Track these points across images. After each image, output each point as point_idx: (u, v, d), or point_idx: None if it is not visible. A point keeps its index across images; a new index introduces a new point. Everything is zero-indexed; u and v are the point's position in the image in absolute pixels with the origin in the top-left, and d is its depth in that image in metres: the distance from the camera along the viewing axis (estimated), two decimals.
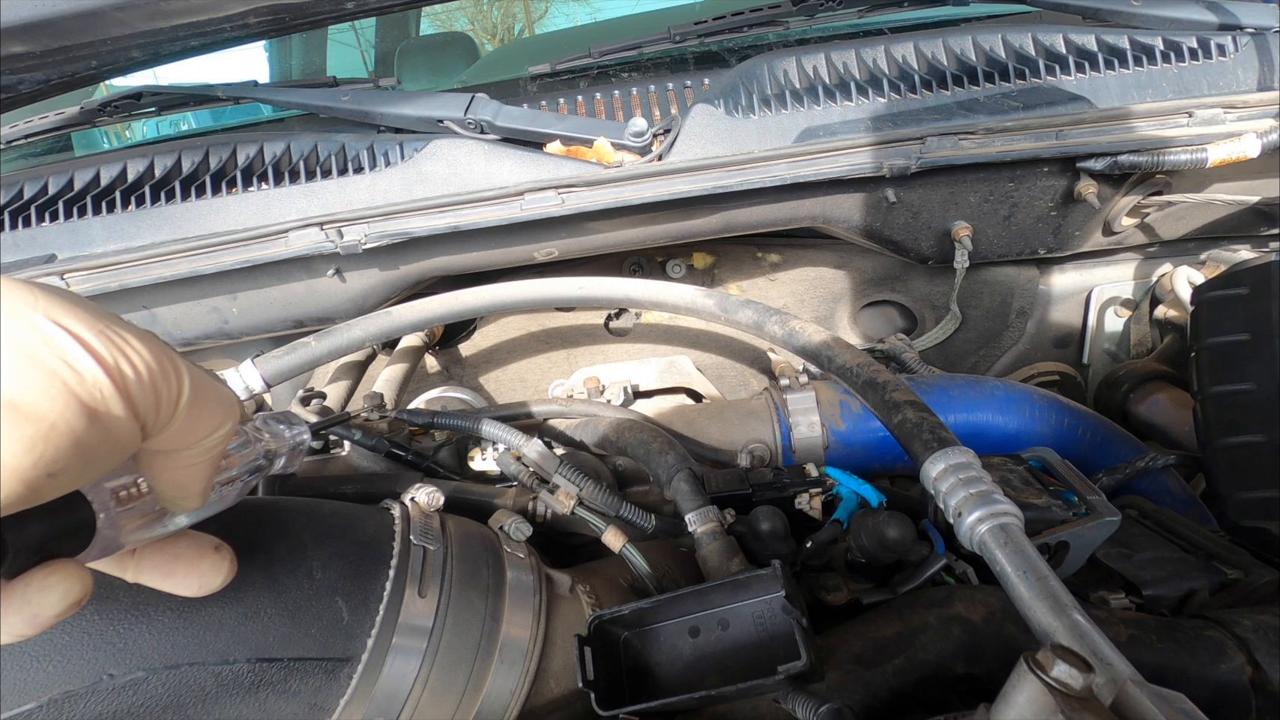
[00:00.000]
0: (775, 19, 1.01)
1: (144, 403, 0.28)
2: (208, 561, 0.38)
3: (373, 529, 0.49)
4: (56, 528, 0.29)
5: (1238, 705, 0.49)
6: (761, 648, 0.48)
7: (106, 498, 0.31)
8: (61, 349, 0.26)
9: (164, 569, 0.37)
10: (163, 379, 0.28)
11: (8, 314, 0.26)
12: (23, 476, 0.25)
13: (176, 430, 0.30)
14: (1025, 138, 0.84)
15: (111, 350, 0.27)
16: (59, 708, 0.37)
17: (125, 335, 0.28)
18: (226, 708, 0.41)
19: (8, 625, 0.29)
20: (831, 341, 0.65)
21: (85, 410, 0.26)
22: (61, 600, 0.29)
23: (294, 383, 1.04)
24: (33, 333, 0.26)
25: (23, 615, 0.29)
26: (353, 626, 0.44)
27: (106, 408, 0.26)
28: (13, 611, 0.29)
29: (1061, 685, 0.31)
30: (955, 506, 0.47)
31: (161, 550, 0.37)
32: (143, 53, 0.78)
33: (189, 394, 0.29)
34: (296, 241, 0.84)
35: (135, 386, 0.27)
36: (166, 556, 0.37)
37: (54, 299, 0.27)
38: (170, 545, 0.37)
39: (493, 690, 0.48)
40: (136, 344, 0.28)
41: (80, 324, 0.27)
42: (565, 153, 0.86)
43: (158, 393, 0.28)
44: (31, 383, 0.25)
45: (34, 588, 0.29)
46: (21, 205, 0.87)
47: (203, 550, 0.38)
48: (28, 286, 0.27)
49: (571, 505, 0.63)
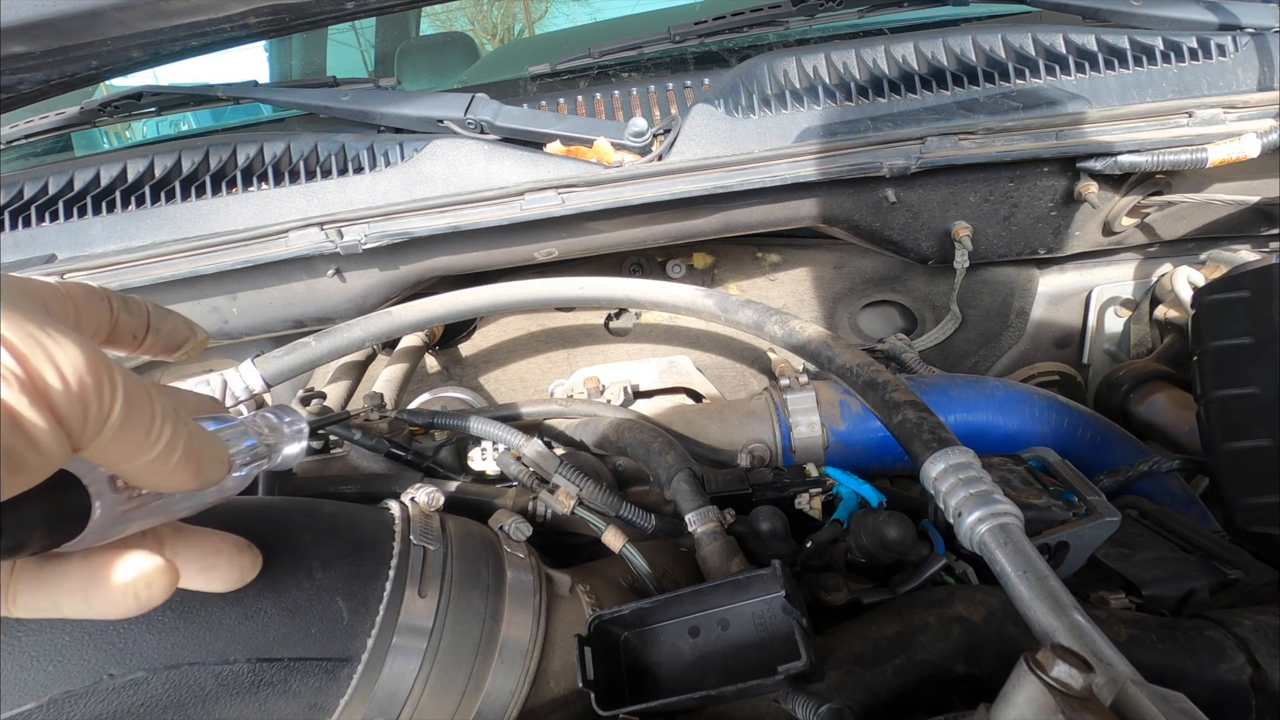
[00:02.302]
0: (775, 19, 1.01)
1: (70, 412, 0.26)
2: (248, 555, 0.39)
3: (373, 529, 0.49)
4: (52, 511, 0.29)
5: (1238, 705, 0.49)
6: (761, 648, 0.48)
7: (103, 483, 0.31)
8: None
9: (203, 563, 0.37)
10: (94, 389, 0.27)
11: None
12: None
13: (108, 442, 0.28)
14: (1025, 138, 0.84)
15: (38, 356, 0.26)
16: (59, 708, 0.37)
17: (56, 338, 0.26)
18: (226, 708, 0.41)
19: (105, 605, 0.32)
20: (831, 341, 0.65)
21: (6, 416, 0.25)
22: (164, 591, 0.33)
23: (294, 383, 1.04)
24: None
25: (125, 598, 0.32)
26: (353, 626, 0.44)
27: (29, 415, 0.25)
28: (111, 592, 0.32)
29: (1061, 685, 0.31)
30: (955, 506, 0.47)
31: (197, 547, 0.37)
32: (143, 53, 0.78)
33: (121, 409, 0.28)
34: (296, 241, 0.84)
35: (60, 394, 0.26)
36: (206, 551, 0.38)
37: None
38: (205, 541, 0.38)
39: (493, 690, 0.48)
40: (71, 351, 0.26)
41: (8, 326, 0.25)
42: (565, 153, 0.86)
43: (85, 403, 0.27)
44: None
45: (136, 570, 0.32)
46: (21, 205, 0.87)
47: (239, 546, 0.39)
48: None
49: (571, 505, 0.63)
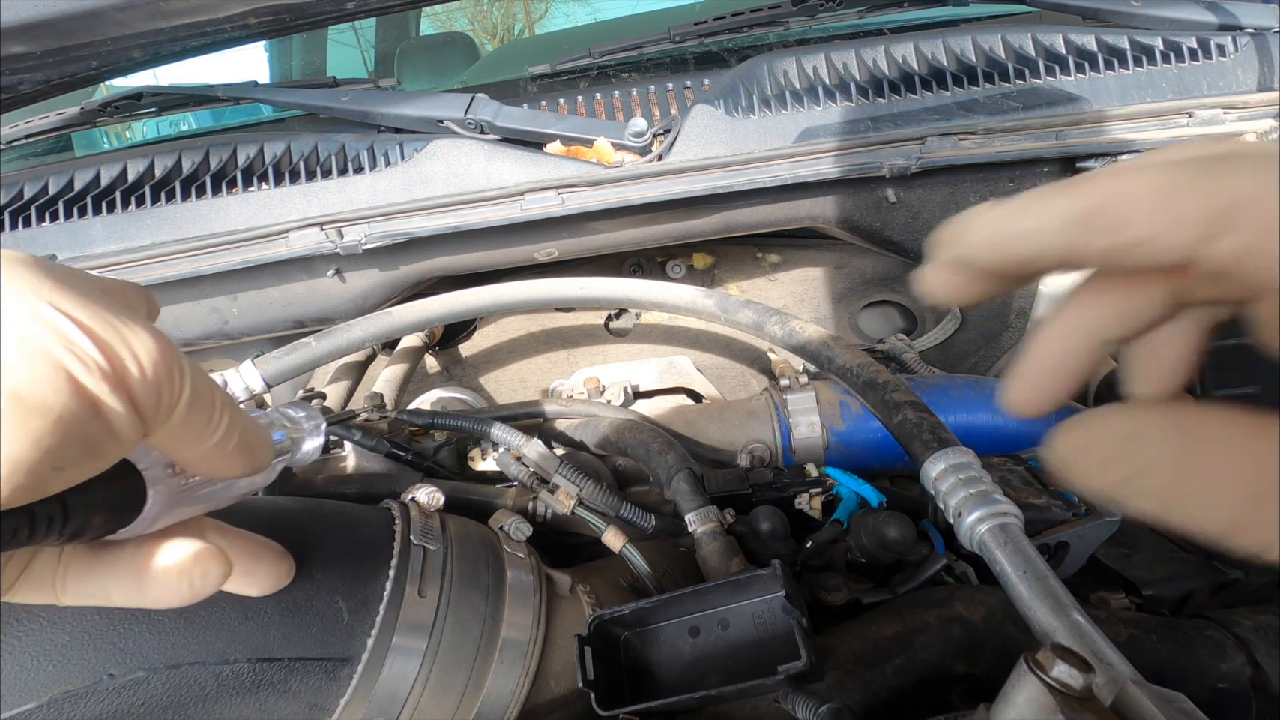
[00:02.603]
0: (775, 19, 1.01)
1: (146, 399, 0.27)
2: (284, 565, 0.40)
3: (373, 529, 0.49)
4: (111, 496, 0.29)
5: (1238, 705, 0.49)
6: (761, 648, 0.48)
7: (159, 470, 0.31)
8: (68, 338, 0.25)
9: (245, 566, 0.38)
10: (166, 377, 0.27)
11: (11, 298, 0.25)
12: (28, 468, 0.24)
13: (174, 428, 0.29)
14: (1025, 138, 0.84)
15: (118, 342, 0.26)
16: (59, 708, 0.37)
17: (133, 328, 0.27)
18: (227, 708, 0.41)
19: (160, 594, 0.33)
20: (831, 341, 0.65)
21: (89, 403, 0.25)
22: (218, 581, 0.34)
23: (294, 383, 1.04)
24: (38, 321, 0.25)
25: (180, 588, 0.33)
26: (353, 626, 0.44)
27: (110, 401, 0.26)
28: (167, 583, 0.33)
29: (1061, 685, 0.31)
30: (955, 506, 0.47)
31: (243, 547, 0.38)
32: (143, 53, 0.78)
33: (189, 397, 0.29)
34: (297, 242, 0.83)
35: (138, 381, 0.26)
36: (248, 554, 0.38)
37: (61, 284, 0.26)
38: (250, 543, 0.39)
39: (493, 690, 0.48)
40: (145, 337, 0.27)
41: (87, 313, 0.26)
42: (565, 153, 0.86)
43: (159, 390, 0.27)
44: (37, 373, 0.24)
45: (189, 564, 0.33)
46: (22, 205, 0.87)
47: (279, 553, 0.40)
48: (34, 268, 0.26)
49: (571, 505, 0.63)
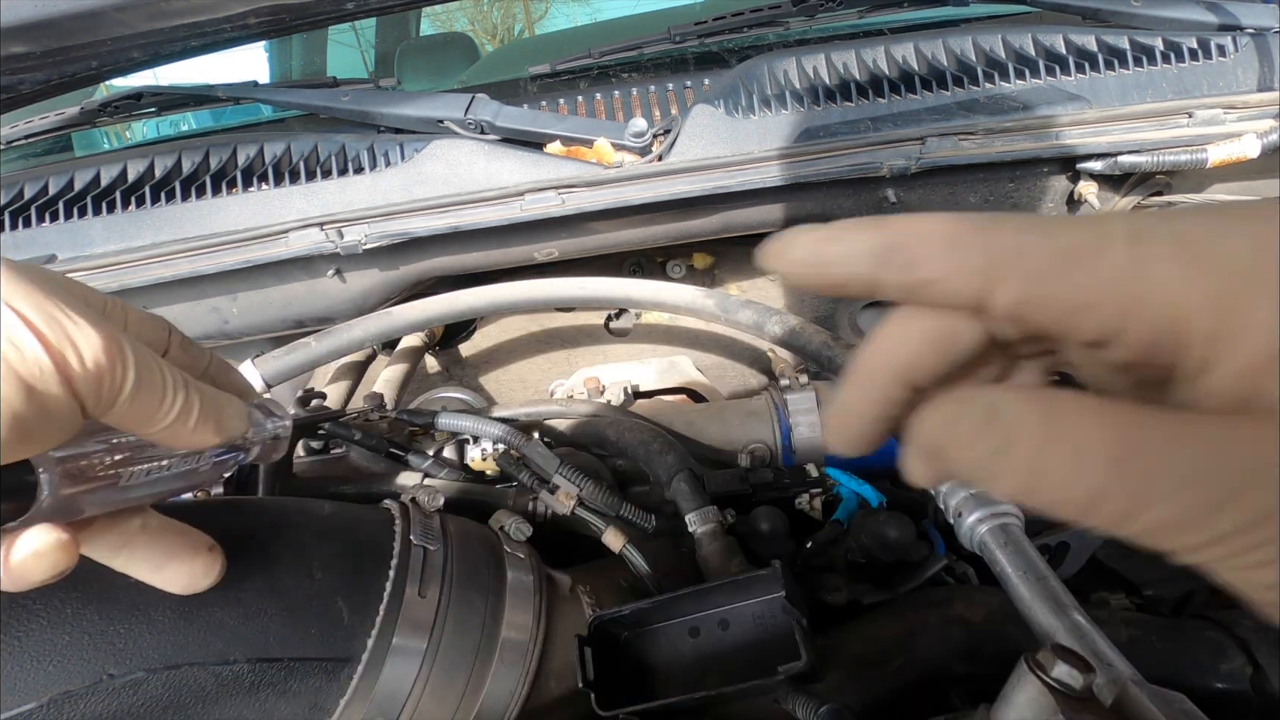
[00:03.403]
0: (775, 19, 1.01)
1: (85, 386, 0.29)
2: (200, 560, 0.38)
3: (373, 529, 0.49)
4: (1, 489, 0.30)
5: (1238, 705, 0.49)
6: (761, 648, 0.48)
7: (51, 464, 0.31)
8: (8, 328, 0.27)
9: (155, 562, 0.37)
10: (108, 366, 0.29)
11: None
12: None
13: (124, 411, 0.31)
14: (1025, 138, 0.84)
15: (56, 332, 0.28)
16: (59, 708, 0.37)
17: (74, 319, 0.29)
18: (226, 708, 0.41)
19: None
20: (831, 341, 0.65)
21: (24, 387, 0.27)
22: (51, 569, 0.32)
23: (294, 383, 1.04)
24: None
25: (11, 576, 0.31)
26: (353, 627, 0.44)
27: (45, 387, 0.28)
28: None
29: (1062, 685, 0.31)
30: (955, 507, 0.47)
31: (155, 544, 0.37)
32: (143, 53, 0.78)
33: (132, 384, 0.31)
34: (297, 242, 0.83)
35: (77, 370, 0.28)
36: (160, 551, 0.37)
37: (11, 279, 0.28)
38: (164, 540, 0.37)
39: (493, 691, 0.48)
40: (89, 331, 0.29)
41: (28, 305, 0.28)
42: (565, 153, 0.86)
43: (100, 379, 0.29)
44: None
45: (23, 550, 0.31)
46: (21, 205, 0.87)
47: (197, 548, 0.38)
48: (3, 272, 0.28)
49: (571, 505, 0.63)
